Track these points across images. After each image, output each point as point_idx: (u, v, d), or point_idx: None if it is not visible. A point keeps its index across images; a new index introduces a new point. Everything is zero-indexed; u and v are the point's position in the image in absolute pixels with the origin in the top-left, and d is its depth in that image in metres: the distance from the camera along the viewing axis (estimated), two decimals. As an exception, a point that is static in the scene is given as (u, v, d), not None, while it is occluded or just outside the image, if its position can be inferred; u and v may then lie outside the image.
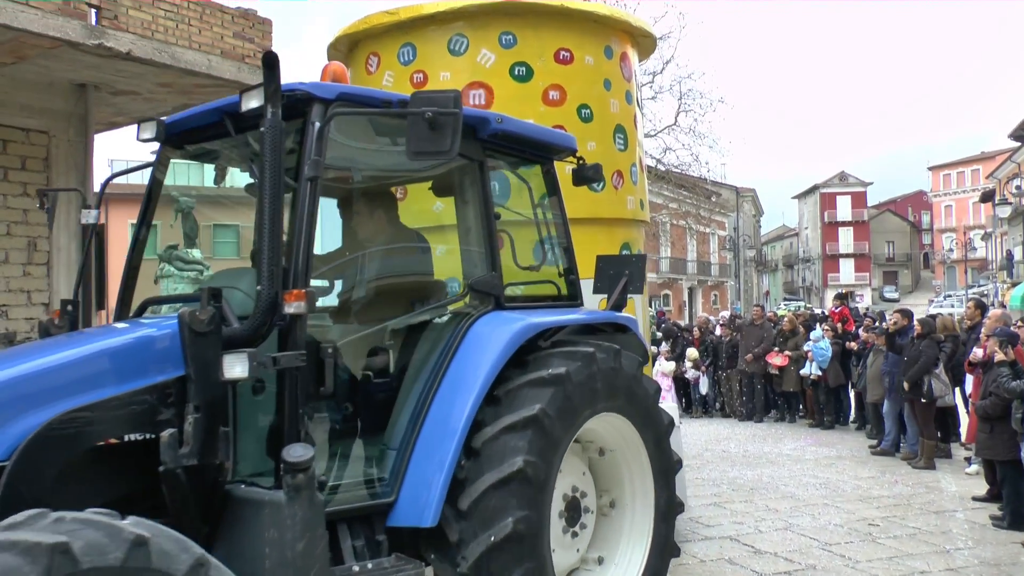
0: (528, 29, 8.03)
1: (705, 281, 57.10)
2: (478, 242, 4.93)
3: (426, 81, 8.46)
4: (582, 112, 8.05)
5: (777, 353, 15.52)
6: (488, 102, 8.04)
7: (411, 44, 8.57)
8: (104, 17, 9.40)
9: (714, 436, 14.51)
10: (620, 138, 8.26)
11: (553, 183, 5.61)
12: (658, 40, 30.31)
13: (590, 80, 8.12)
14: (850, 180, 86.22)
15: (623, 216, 8.26)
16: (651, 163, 34.44)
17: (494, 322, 4.46)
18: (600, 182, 5.85)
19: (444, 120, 3.54)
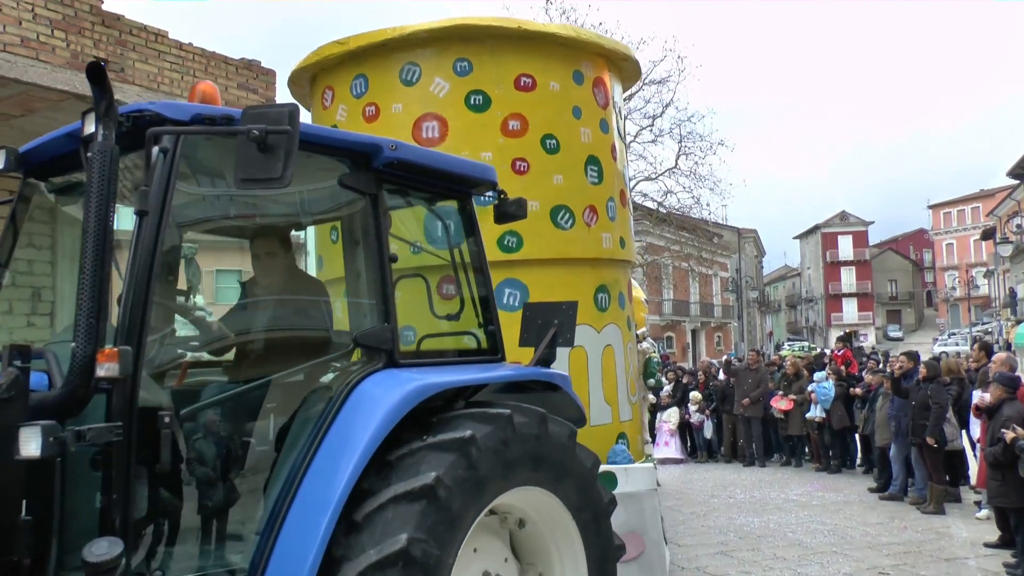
0: (485, 55, 7.30)
1: (708, 323, 56.25)
2: (369, 289, 4.16)
3: (378, 114, 7.71)
4: (547, 143, 7.27)
5: (782, 397, 15.14)
6: (442, 135, 7.30)
7: (363, 75, 7.84)
8: (111, 70, 9.20)
9: (720, 482, 14.03)
10: (593, 170, 7.47)
11: (470, 221, 4.89)
12: (657, 85, 29.08)
13: (556, 108, 7.35)
14: (851, 219, 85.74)
15: (598, 255, 7.45)
16: (652, 206, 33.95)
17: (382, 382, 3.83)
18: (523, 218, 5.00)
19: (275, 141, 2.91)
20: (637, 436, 8.04)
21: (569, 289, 7.31)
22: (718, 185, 33.34)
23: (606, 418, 7.42)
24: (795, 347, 60.32)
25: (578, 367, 7.29)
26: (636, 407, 8.01)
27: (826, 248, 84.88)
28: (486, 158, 7.21)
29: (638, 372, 8.20)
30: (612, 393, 7.51)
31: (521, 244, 7.17)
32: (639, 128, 32.62)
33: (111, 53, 9.45)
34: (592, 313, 7.42)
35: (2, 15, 8.19)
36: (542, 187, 7.22)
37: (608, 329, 7.55)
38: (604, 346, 7.48)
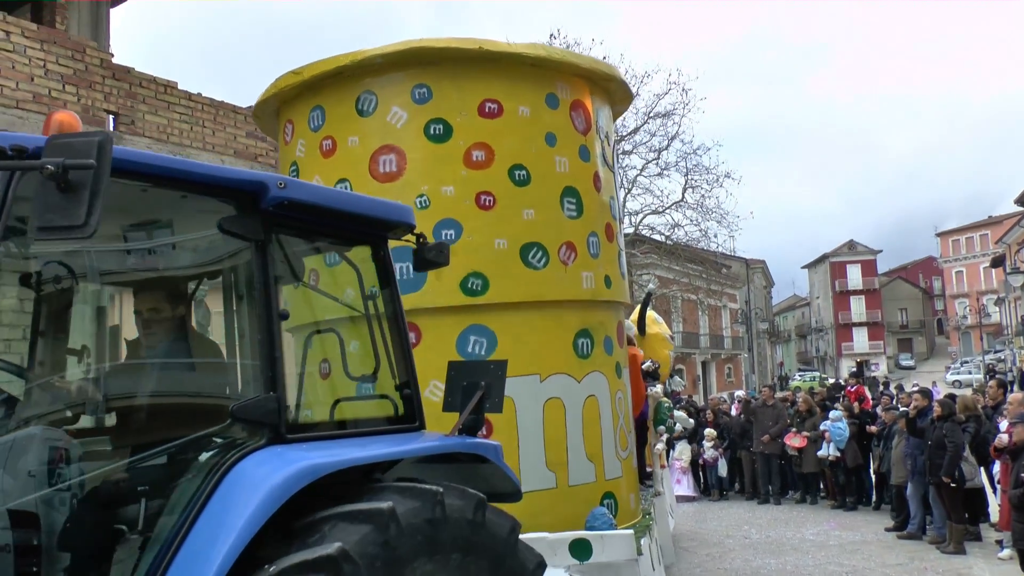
0: (445, 80, 6.54)
1: (719, 355, 55.17)
2: (253, 352, 3.50)
3: (334, 149, 6.95)
4: (515, 174, 6.48)
5: (795, 434, 14.76)
6: (400, 168, 6.54)
7: (320, 107, 7.09)
8: (121, 123, 9.48)
9: (734, 520, 13.52)
10: (571, 203, 6.66)
11: (384, 268, 4.16)
12: (662, 118, 28.34)
13: (526, 135, 6.56)
14: (859, 248, 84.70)
15: (576, 297, 6.62)
16: (660, 239, 33.36)
17: (264, 462, 3.24)
18: (445, 265, 4.25)
19: (78, 178, 2.36)
20: (630, 495, 7.16)
21: (543, 335, 6.54)
22: (725, 218, 32.51)
23: (588, 476, 6.57)
24: (806, 377, 59.28)
25: (555, 420, 6.48)
26: (627, 462, 7.14)
27: (835, 277, 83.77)
28: (447, 193, 6.48)
29: (629, 423, 7.31)
30: (596, 448, 6.67)
31: (487, 286, 6.38)
32: (645, 161, 32.20)
33: (121, 106, 9.42)
34: (571, 361, 6.61)
35: (15, 72, 8.38)
36: (511, 223, 6.45)
37: (591, 378, 6.73)
38: (586, 397, 6.65)
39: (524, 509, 6.34)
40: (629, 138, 32.07)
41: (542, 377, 6.44)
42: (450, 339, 6.41)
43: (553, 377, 6.47)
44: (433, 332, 6.48)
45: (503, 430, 6.34)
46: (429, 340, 6.48)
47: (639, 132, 32.02)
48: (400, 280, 6.56)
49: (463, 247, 6.41)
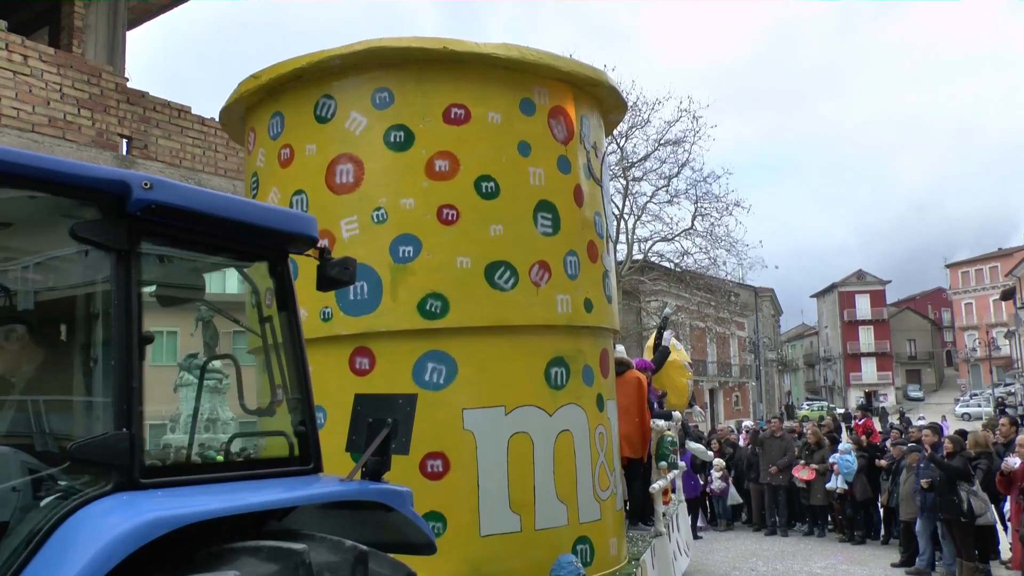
0: (409, 83, 5.88)
1: (726, 382, 54.20)
2: (104, 382, 2.93)
3: (292, 158, 6.30)
4: (482, 186, 5.80)
5: (803, 466, 14.38)
6: (357, 179, 5.87)
7: (280, 113, 6.43)
8: (135, 147, 9.44)
9: (741, 552, 13.08)
10: (546, 218, 5.99)
11: (283, 289, 3.57)
12: (672, 145, 27.83)
13: (495, 144, 5.88)
14: (868, 278, 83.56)
15: (549, 322, 5.91)
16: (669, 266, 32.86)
17: (108, 511, 2.70)
18: (351, 284, 3.63)
19: None
20: (611, 539, 6.39)
21: (510, 363, 5.84)
22: (735, 246, 32.01)
23: (559, 519, 5.84)
24: (814, 407, 58.17)
25: (521, 457, 5.76)
26: (609, 504, 6.38)
27: (843, 307, 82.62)
28: (407, 206, 5.82)
29: (613, 460, 6.57)
30: (568, 489, 5.94)
31: (447, 309, 5.70)
32: (655, 188, 31.79)
33: (135, 130, 9.37)
34: (542, 392, 5.90)
35: (31, 96, 8.18)
36: (475, 240, 5.78)
37: (566, 411, 6.01)
38: (558, 432, 5.93)
39: (485, 554, 5.64)
40: (639, 165, 31.67)
41: (508, 409, 5.74)
42: (406, 366, 5.73)
43: (521, 410, 5.77)
44: (388, 358, 5.81)
45: (462, 467, 5.65)
46: (383, 367, 5.81)
47: (649, 159, 31.67)
48: (354, 301, 5.96)
49: (422, 265, 5.75)
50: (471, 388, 5.70)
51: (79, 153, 8.41)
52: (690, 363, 11.22)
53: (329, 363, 6.00)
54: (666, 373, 10.34)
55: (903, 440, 13.41)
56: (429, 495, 5.61)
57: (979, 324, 77.74)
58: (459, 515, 5.59)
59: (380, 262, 5.81)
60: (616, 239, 32.51)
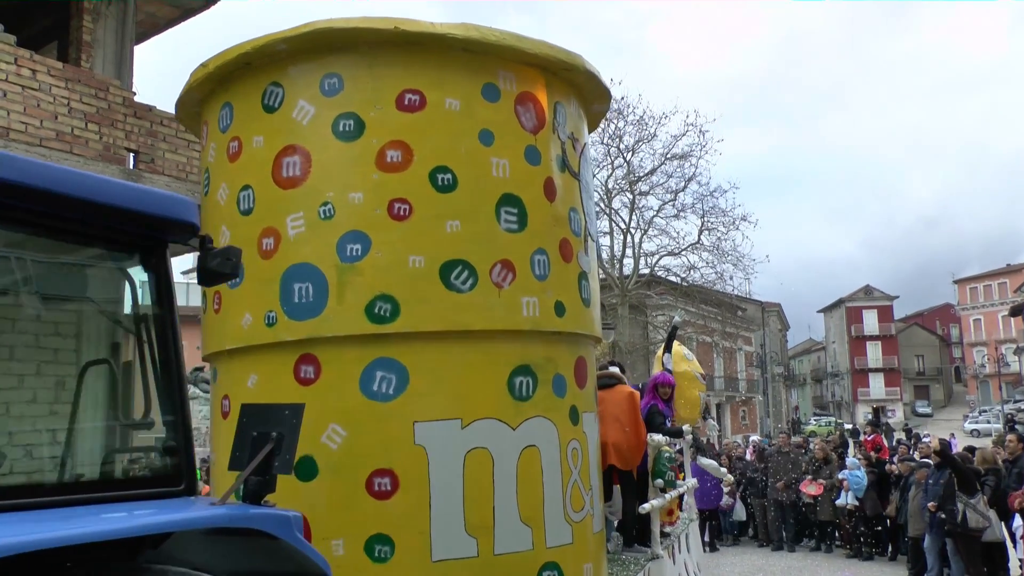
0: (360, 68, 5.29)
1: (733, 397, 53.40)
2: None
3: (240, 150, 5.75)
4: (438, 178, 5.22)
5: (811, 482, 14.39)
6: (304, 172, 5.30)
7: (229, 104, 5.86)
8: (141, 161, 9.36)
9: (748, 568, 13.16)
10: (510, 213, 5.40)
11: (159, 284, 3.11)
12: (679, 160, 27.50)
13: (453, 132, 5.29)
14: (875, 294, 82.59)
15: (512, 326, 5.32)
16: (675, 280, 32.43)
17: None
18: (236, 278, 3.09)
19: None
20: (586, 564, 5.74)
21: (467, 372, 5.25)
22: (741, 261, 31.58)
23: (522, 543, 5.21)
24: (822, 422, 57.19)
25: (479, 475, 5.14)
26: (583, 526, 5.74)
27: (851, 322, 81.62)
28: (355, 200, 5.27)
29: (588, 479, 5.92)
30: (534, 510, 5.32)
31: (397, 312, 5.12)
32: (661, 203, 31.42)
33: (142, 144, 9.34)
34: (504, 404, 5.29)
35: (39, 110, 8.10)
36: (429, 236, 5.20)
37: (532, 425, 5.39)
38: (523, 448, 5.32)
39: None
40: (646, 179, 31.28)
41: (464, 422, 5.14)
42: (352, 375, 5.16)
43: (479, 423, 5.17)
44: (334, 366, 5.23)
45: (413, 485, 5.05)
46: (329, 376, 5.23)
47: (656, 173, 31.29)
48: (299, 304, 5.37)
49: (370, 265, 5.17)
50: (423, 399, 5.11)
51: (86, 167, 8.20)
52: (703, 375, 10.54)
53: (274, 372, 5.45)
54: (676, 384, 9.73)
55: (910, 456, 13.64)
56: (376, 516, 5.03)
57: (988, 340, 76.71)
58: (408, 538, 4.98)
59: (326, 262, 5.25)
60: (623, 253, 32.06)
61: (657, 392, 9.06)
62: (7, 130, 7.97)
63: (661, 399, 9.02)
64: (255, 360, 5.58)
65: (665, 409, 9.03)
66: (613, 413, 7.91)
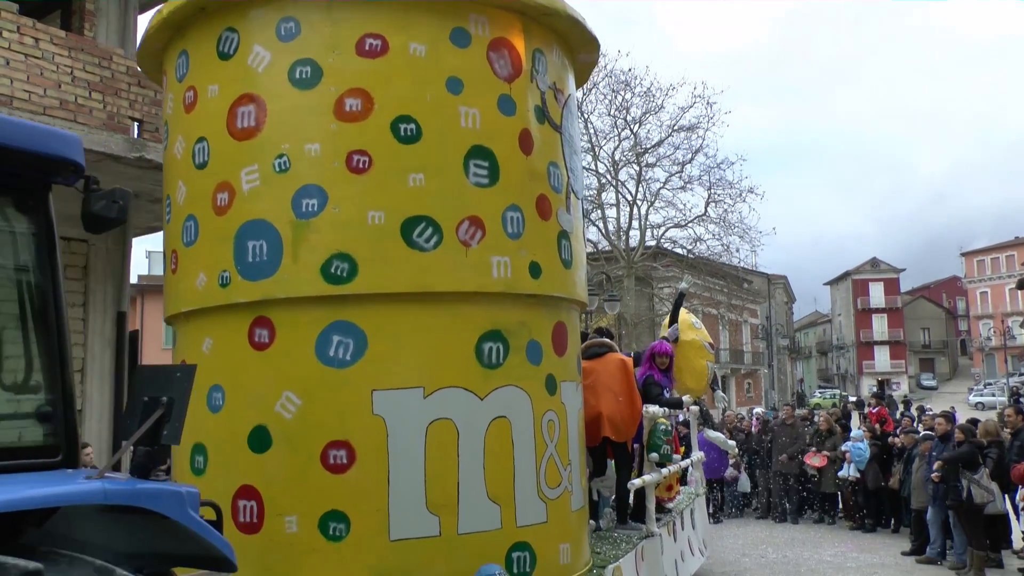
0: (319, 12, 4.79)
1: (738, 369, 52.95)
2: None
3: (196, 101, 5.28)
4: (400, 128, 4.74)
5: (815, 453, 14.10)
6: (259, 122, 4.85)
7: (185, 52, 5.37)
8: (146, 130, 9.25)
9: (751, 539, 12.82)
10: (480, 166, 4.93)
11: (39, 231, 2.82)
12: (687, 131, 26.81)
13: (418, 80, 4.79)
14: (882, 266, 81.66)
15: (481, 288, 4.87)
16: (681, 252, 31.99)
17: None
18: (123, 223, 2.64)
19: None
20: (562, 544, 5.30)
21: (431, 336, 4.82)
22: (748, 233, 31.07)
23: (489, 522, 4.80)
24: (826, 395, 56.72)
25: (442, 448, 4.72)
26: (559, 504, 5.30)
27: (857, 295, 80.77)
28: (312, 152, 4.82)
29: (567, 453, 5.48)
30: (503, 486, 4.90)
31: (355, 272, 4.68)
32: (668, 175, 30.95)
33: (146, 113, 9.27)
34: (471, 371, 4.86)
35: (42, 79, 8.06)
36: (390, 191, 4.75)
37: (502, 395, 4.96)
38: (491, 419, 4.89)
39: (394, 562, 4.60)
40: (653, 151, 30.71)
41: (427, 391, 4.71)
42: (308, 339, 4.74)
43: (443, 392, 4.75)
44: (288, 330, 4.81)
45: (370, 458, 4.64)
46: (283, 340, 4.81)
47: (663, 145, 30.70)
48: (253, 263, 4.92)
49: (327, 221, 4.74)
50: (383, 366, 4.68)
51: (90, 136, 7.97)
52: (711, 344, 9.81)
53: (228, 336, 5.04)
54: (682, 354, 9.07)
55: (915, 428, 13.06)
56: (331, 491, 4.63)
57: (994, 313, 75.82)
58: (365, 515, 4.58)
59: (281, 218, 4.82)
60: (629, 225, 31.55)
61: (654, 362, 8.47)
62: (10, 98, 7.84)
63: (658, 369, 8.44)
64: (210, 323, 5.17)
65: (662, 379, 8.45)
66: (605, 383, 7.41)
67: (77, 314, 9.72)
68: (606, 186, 31.14)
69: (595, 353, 7.60)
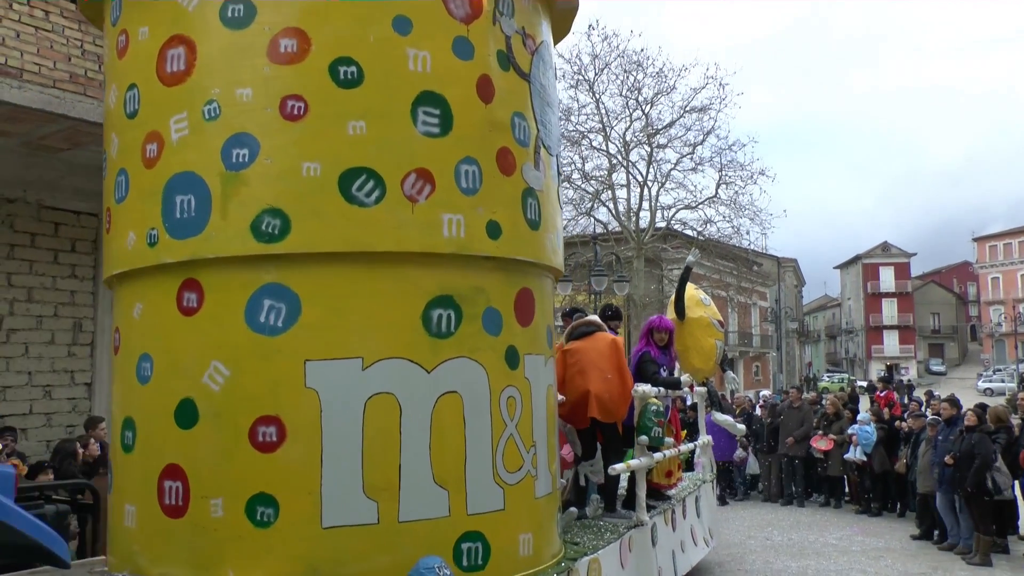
0: (253, -56, 4.29)
1: (747, 352, 52.18)
2: None
3: (127, 45, 4.73)
4: (340, 71, 4.15)
5: (821, 436, 13.93)
6: (189, 66, 4.29)
7: (119, -9, 4.95)
8: None
9: (756, 522, 12.72)
10: (430, 114, 4.34)
11: None
12: (698, 112, 26.12)
13: (360, 18, 4.19)
14: (893, 251, 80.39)
15: (429, 249, 4.31)
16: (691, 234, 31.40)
17: None
18: None
19: None
20: (522, 535, 4.72)
21: (372, 301, 4.27)
22: (758, 215, 30.36)
23: (435, 509, 4.27)
24: (834, 379, 55.90)
25: (382, 426, 4.19)
26: (520, 489, 4.74)
27: (867, 279, 79.57)
28: (243, 97, 4.27)
29: (531, 433, 4.91)
30: (453, 470, 4.36)
31: (287, 229, 4.14)
32: (679, 156, 30.31)
33: None
34: (416, 341, 4.31)
35: (52, 51, 7.96)
36: (327, 140, 4.19)
37: (452, 367, 4.40)
38: (440, 394, 4.35)
39: (327, 552, 4.06)
40: (664, 132, 30.04)
41: (366, 362, 4.17)
42: (237, 304, 4.21)
43: (384, 364, 4.20)
44: (217, 293, 4.28)
45: (302, 437, 4.11)
46: (212, 305, 4.29)
47: (674, 126, 30.01)
48: (181, 220, 4.37)
49: (258, 173, 4.19)
50: (317, 334, 4.15)
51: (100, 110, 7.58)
52: (720, 322, 9.08)
53: (157, 300, 4.52)
54: (689, 332, 8.47)
55: (922, 412, 12.97)
56: (259, 472, 4.11)
57: (1005, 299, 74.52)
58: (295, 500, 4.06)
59: (210, 170, 4.27)
60: (639, 206, 30.86)
61: (652, 337, 7.81)
62: (20, 71, 7.59)
63: (656, 345, 7.78)
64: (141, 286, 4.66)
65: (660, 357, 7.78)
66: (594, 361, 6.77)
67: (87, 287, 9.66)
68: (617, 167, 30.49)
69: (583, 332, 7.03)
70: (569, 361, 6.93)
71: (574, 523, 6.43)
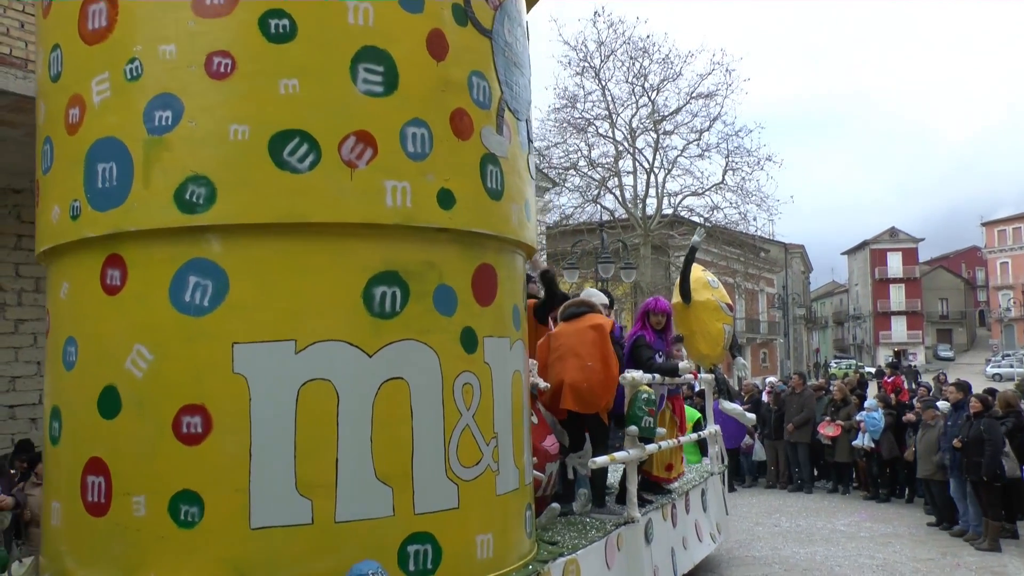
0: None
1: (754, 339, 51.59)
2: None
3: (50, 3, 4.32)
4: (271, 25, 3.65)
5: (829, 423, 13.72)
6: (110, 22, 3.81)
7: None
8: None
9: (765, 508, 12.63)
10: (372, 71, 3.85)
11: None
12: (705, 99, 25.39)
13: (291, -36, 3.82)
14: (900, 236, 79.39)
15: (371, 219, 3.84)
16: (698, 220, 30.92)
17: None
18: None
19: None
20: (480, 536, 4.26)
21: (307, 278, 3.82)
22: (765, 201, 29.88)
23: (377, 508, 3.83)
24: (842, 365, 55.20)
25: (318, 415, 3.74)
26: (479, 485, 4.27)
27: (875, 265, 78.62)
28: (167, 55, 3.83)
29: (491, 425, 4.43)
30: (398, 464, 3.91)
31: (213, 198, 3.71)
32: (686, 142, 29.82)
33: None
34: (356, 322, 3.86)
35: None
36: (256, 100, 3.75)
37: (396, 350, 3.95)
38: (383, 381, 3.90)
39: (256, 555, 3.53)
40: (671, 118, 29.53)
41: (300, 346, 3.73)
42: (161, 281, 3.78)
43: (320, 346, 3.76)
44: (140, 270, 3.86)
45: (229, 427, 3.69)
46: (135, 283, 3.86)
47: (681, 112, 29.47)
48: (103, 189, 3.86)
49: (182, 137, 3.76)
50: (246, 314, 3.71)
51: None
52: (730, 305, 8.46)
53: (82, 278, 4.10)
54: (695, 316, 7.95)
55: (931, 398, 12.68)
56: (184, 467, 3.69)
57: (1014, 284, 73.49)
58: (221, 497, 3.64)
59: (132, 134, 3.84)
60: (646, 193, 30.33)
61: (648, 320, 7.21)
62: (25, 61, 7.38)
63: (653, 329, 7.19)
64: (67, 264, 4.25)
65: (656, 342, 7.15)
66: (572, 347, 6.27)
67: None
68: (623, 154, 30.00)
69: (572, 314, 6.52)
70: (553, 346, 6.46)
71: (557, 520, 5.94)
